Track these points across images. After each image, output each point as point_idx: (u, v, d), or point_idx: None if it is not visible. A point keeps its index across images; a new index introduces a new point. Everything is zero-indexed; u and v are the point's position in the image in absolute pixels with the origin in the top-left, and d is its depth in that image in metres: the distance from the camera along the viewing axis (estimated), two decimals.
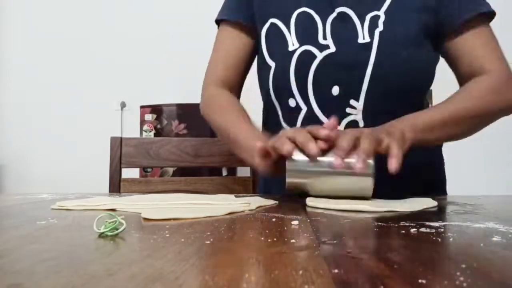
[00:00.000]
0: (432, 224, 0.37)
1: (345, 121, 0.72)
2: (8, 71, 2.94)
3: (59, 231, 0.34)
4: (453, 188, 0.86)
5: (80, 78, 2.86)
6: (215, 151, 1.05)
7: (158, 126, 2.38)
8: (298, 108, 0.75)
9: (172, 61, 2.72)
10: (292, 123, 0.76)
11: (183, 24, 2.70)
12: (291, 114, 0.76)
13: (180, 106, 2.37)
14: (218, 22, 0.87)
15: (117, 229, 0.32)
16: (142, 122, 2.41)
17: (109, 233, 0.31)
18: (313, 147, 0.54)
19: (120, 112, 2.85)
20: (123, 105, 2.84)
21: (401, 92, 0.72)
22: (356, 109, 0.72)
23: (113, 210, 0.48)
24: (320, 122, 0.72)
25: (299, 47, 0.75)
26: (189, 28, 2.66)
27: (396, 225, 0.37)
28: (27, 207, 0.52)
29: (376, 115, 0.70)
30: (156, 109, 2.39)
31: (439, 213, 0.48)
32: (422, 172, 0.74)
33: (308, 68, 0.73)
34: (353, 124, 0.72)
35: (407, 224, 0.37)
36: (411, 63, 0.71)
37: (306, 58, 0.74)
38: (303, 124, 0.74)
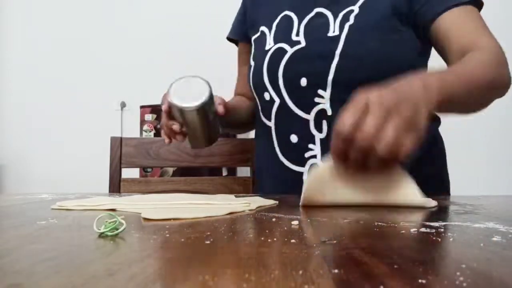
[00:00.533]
0: (432, 224, 0.37)
1: (314, 110, 0.76)
2: (8, 71, 2.94)
3: (59, 231, 0.34)
4: (453, 188, 0.86)
5: (80, 78, 2.86)
6: (215, 151, 1.05)
7: (158, 126, 2.38)
8: (272, 101, 0.81)
9: (172, 61, 2.72)
10: (268, 115, 0.83)
11: (183, 24, 2.70)
12: (267, 107, 0.83)
13: None
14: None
15: (117, 229, 0.32)
16: (142, 122, 2.42)
17: (109, 233, 0.31)
18: None
19: (120, 112, 2.85)
20: (123, 105, 2.84)
21: (368, 83, 0.71)
22: (324, 98, 0.75)
23: (113, 210, 0.48)
24: (292, 112, 0.78)
25: (273, 45, 0.81)
26: (189, 28, 2.66)
27: (396, 225, 0.37)
28: (27, 207, 0.52)
29: (343, 103, 0.71)
30: (156, 109, 2.39)
31: (439, 213, 0.48)
32: (421, 165, 0.73)
33: (279, 63, 0.79)
34: (322, 112, 0.76)
35: (407, 224, 0.37)
36: (379, 54, 0.73)
37: (278, 54, 0.80)
38: (277, 114, 0.81)
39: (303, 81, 0.76)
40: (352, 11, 0.76)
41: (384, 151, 0.44)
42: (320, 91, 0.75)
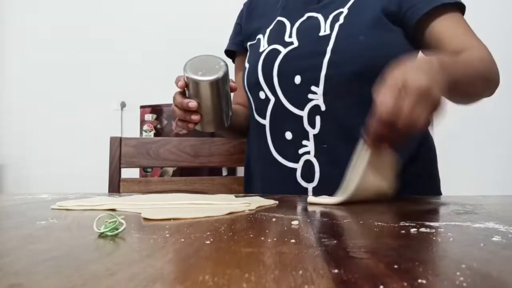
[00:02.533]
0: (432, 224, 0.37)
1: (308, 106, 0.78)
2: (8, 71, 2.94)
3: (59, 231, 0.34)
4: (452, 188, 0.86)
5: (80, 78, 2.86)
6: (215, 151, 1.05)
7: (158, 126, 2.38)
8: (267, 99, 0.83)
9: (172, 61, 2.71)
10: (262, 114, 0.85)
11: (183, 24, 2.70)
12: (262, 106, 0.85)
13: None
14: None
15: (117, 229, 0.32)
16: (142, 122, 2.41)
17: (109, 233, 0.31)
18: None
19: (120, 112, 2.85)
20: (123, 105, 2.84)
21: (360, 76, 0.76)
22: (317, 94, 0.77)
23: (113, 210, 0.48)
24: (286, 110, 0.80)
25: (267, 47, 0.85)
26: (189, 28, 2.66)
27: (396, 225, 0.37)
28: (27, 207, 0.52)
29: (336, 98, 0.77)
30: (156, 109, 2.40)
31: (439, 213, 0.48)
32: (412, 163, 0.78)
33: (273, 63, 0.82)
34: (315, 108, 0.78)
35: (407, 224, 0.37)
36: (369, 48, 0.75)
37: (272, 55, 0.83)
38: (272, 113, 0.83)
39: (297, 79, 0.79)
40: (341, 12, 0.80)
41: (418, 131, 0.50)
42: (313, 87, 0.77)
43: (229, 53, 1.03)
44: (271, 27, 0.88)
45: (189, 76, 0.67)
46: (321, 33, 0.79)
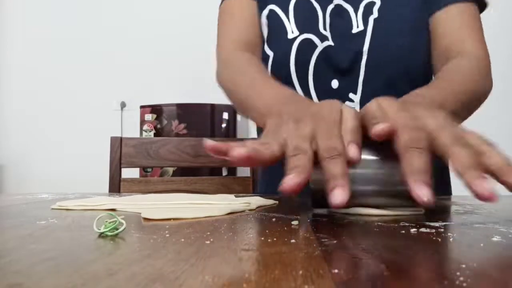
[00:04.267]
0: (432, 224, 0.37)
1: None
2: (8, 71, 2.94)
3: (59, 231, 0.34)
4: (452, 188, 0.85)
5: (80, 78, 2.86)
6: None
7: (158, 126, 2.38)
8: None
9: (172, 61, 2.72)
10: None
11: (183, 24, 2.71)
12: None
13: (180, 106, 2.38)
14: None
15: (117, 229, 0.32)
16: (142, 122, 2.42)
17: (109, 233, 0.31)
18: (338, 196, 0.34)
19: (120, 112, 2.85)
20: (123, 105, 2.84)
21: (397, 81, 0.71)
22: (354, 102, 0.71)
23: (113, 210, 0.48)
24: None
25: (299, 35, 0.73)
26: (189, 28, 2.67)
27: (396, 225, 0.37)
28: (27, 207, 0.52)
29: None
30: (156, 109, 2.40)
31: (439, 213, 0.48)
32: None
33: (309, 57, 0.72)
34: None
35: (407, 224, 0.37)
36: (406, 51, 0.70)
37: (307, 47, 0.72)
38: None
39: (334, 83, 0.72)
40: (373, 3, 0.72)
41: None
42: (351, 95, 0.71)
43: None
44: (292, 3, 0.74)
45: None
46: (355, 30, 0.71)
